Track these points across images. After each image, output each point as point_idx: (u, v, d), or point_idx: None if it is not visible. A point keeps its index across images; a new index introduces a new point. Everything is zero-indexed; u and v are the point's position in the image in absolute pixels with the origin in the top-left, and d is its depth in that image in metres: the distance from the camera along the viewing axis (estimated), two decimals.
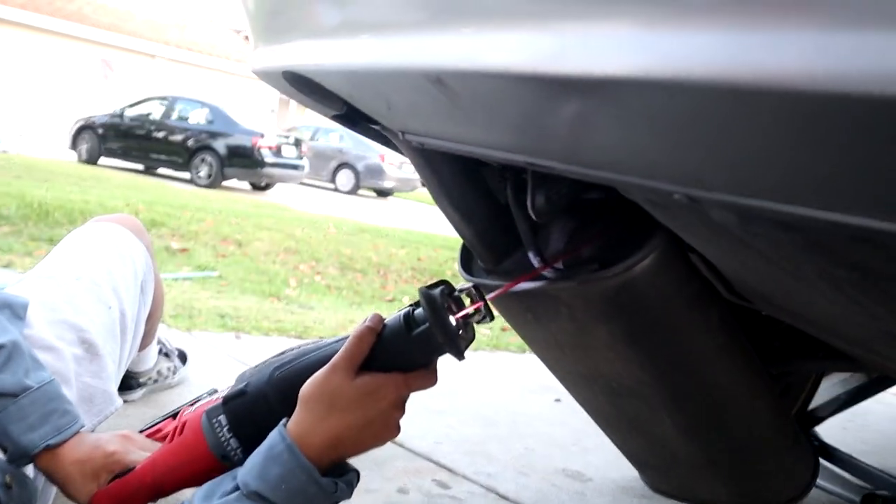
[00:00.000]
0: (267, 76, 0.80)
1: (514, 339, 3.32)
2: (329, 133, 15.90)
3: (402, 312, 0.73)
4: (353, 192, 14.65)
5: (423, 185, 0.82)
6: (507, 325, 3.91)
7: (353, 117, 0.79)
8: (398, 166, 14.93)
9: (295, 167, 11.89)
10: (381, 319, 0.73)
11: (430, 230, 8.21)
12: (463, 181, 0.81)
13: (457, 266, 0.91)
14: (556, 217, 0.75)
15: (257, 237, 5.28)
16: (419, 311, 0.73)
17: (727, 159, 0.39)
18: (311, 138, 15.47)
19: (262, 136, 11.17)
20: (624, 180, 0.50)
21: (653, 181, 0.48)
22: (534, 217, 0.72)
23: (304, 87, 0.74)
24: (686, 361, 0.86)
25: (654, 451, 1.00)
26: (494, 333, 3.38)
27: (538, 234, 0.81)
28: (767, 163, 0.36)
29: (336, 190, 14.67)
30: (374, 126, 0.77)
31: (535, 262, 0.79)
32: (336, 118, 0.85)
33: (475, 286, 0.73)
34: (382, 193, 15.38)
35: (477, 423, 1.99)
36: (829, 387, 1.41)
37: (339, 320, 3.04)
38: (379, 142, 0.94)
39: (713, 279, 0.76)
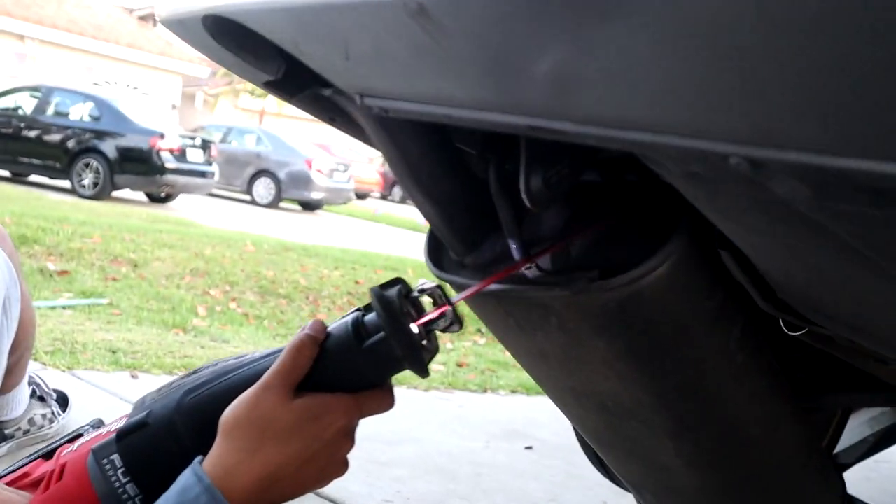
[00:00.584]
0: (181, 26, 0.75)
1: (474, 375, 3.32)
2: (244, 134, 15.81)
3: (350, 318, 0.72)
4: (273, 204, 14.54)
5: (387, 165, 0.79)
6: (464, 359, 3.93)
7: (292, 83, 0.76)
8: (328, 174, 14.90)
9: (202, 174, 11.75)
10: (323, 327, 0.72)
11: (369, 248, 8.21)
12: (434, 158, 0.79)
13: (424, 258, 0.89)
14: (549, 204, 0.73)
15: (157, 257, 5.22)
16: (370, 316, 0.72)
17: (824, 99, 0.36)
18: (223, 140, 15.35)
19: (161, 136, 11.00)
20: (662, 142, 0.47)
21: (704, 140, 0.44)
22: (529, 204, 0.69)
23: (231, 38, 0.70)
24: (698, 385, 0.85)
25: (655, 477, 1.00)
26: (450, 369, 3.37)
27: (524, 223, 0.79)
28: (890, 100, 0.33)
29: (253, 202, 14.56)
30: (321, 92, 0.73)
31: (518, 255, 0.77)
32: (270, 86, 0.80)
33: (439, 286, 0.73)
34: (309, 206, 15.32)
35: (433, 476, 1.95)
36: (855, 427, 1.41)
37: None
38: (322, 118, 0.90)
39: (747, 284, 0.73)
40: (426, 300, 0.74)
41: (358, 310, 0.74)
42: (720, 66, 0.39)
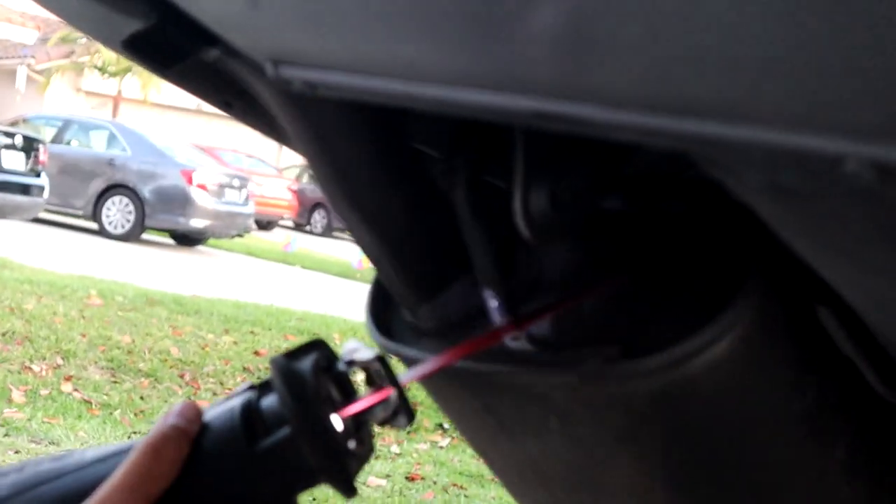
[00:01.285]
0: None
1: (432, 494, 3.31)
2: (90, 130, 15.82)
3: (238, 402, 0.73)
4: (132, 235, 14.52)
5: (311, 172, 0.79)
6: (417, 470, 3.94)
7: (166, 44, 0.75)
8: (216, 192, 14.93)
9: (24, 189, 11.70)
10: (197, 414, 0.72)
11: (276, 301, 8.20)
12: (381, 163, 0.81)
13: (365, 318, 0.91)
14: (558, 236, 0.73)
15: None
16: (270, 400, 0.72)
17: None
18: (58, 139, 15.32)
19: None
20: (740, 137, 0.47)
21: (808, 134, 0.44)
22: (527, 234, 0.69)
23: None
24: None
25: None
26: (396, 485, 3.35)
27: (510, 265, 0.80)
28: None
29: (102, 232, 14.50)
30: (210, 57, 0.73)
31: (498, 316, 0.76)
32: (132, 48, 0.81)
33: (379, 357, 0.74)
34: (187, 240, 15.32)
35: None
36: None
37: None
38: (212, 100, 0.90)
39: (860, 360, 0.74)
40: (359, 377, 0.75)
41: (251, 388, 0.74)
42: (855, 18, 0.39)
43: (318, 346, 0.74)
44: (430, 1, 0.51)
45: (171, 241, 15.24)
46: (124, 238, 14.28)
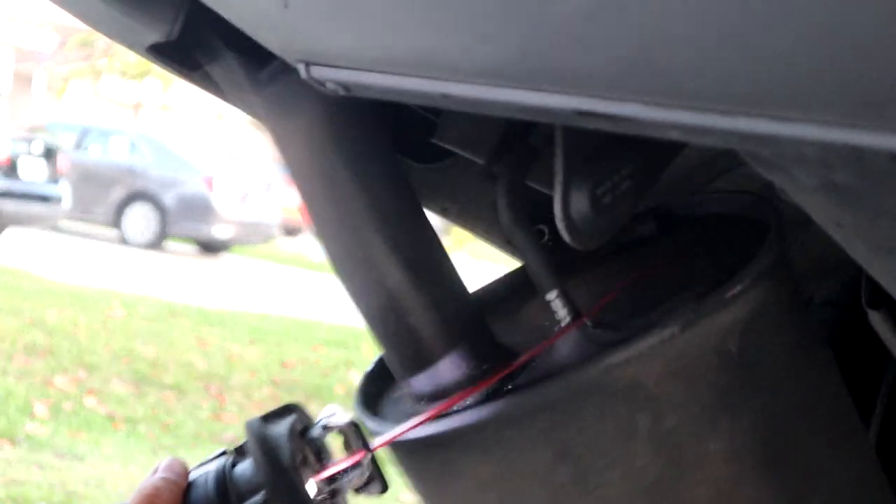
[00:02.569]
0: None
1: None
2: (110, 137, 15.89)
3: (213, 468, 0.77)
4: (155, 244, 14.58)
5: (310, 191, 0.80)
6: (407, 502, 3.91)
7: (193, 48, 0.76)
8: (240, 199, 14.97)
9: (44, 198, 11.78)
10: (184, 468, 0.77)
11: (304, 312, 8.21)
12: (394, 177, 0.82)
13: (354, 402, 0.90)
14: (600, 239, 0.73)
15: None
16: (244, 465, 0.76)
17: None
18: (78, 146, 15.40)
19: None
20: (796, 135, 0.46)
21: (866, 132, 0.44)
22: (569, 238, 0.70)
23: None
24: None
25: None
26: None
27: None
28: None
29: (124, 241, 14.56)
30: (232, 61, 0.73)
31: (563, 313, 0.76)
32: (158, 53, 0.82)
33: (353, 422, 0.77)
34: (211, 248, 15.35)
35: None
36: None
37: (132, 480, 2.97)
38: (235, 104, 0.91)
39: None
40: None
41: (223, 453, 0.78)
42: None
43: (293, 410, 0.77)
44: None
45: (193, 249, 15.28)
46: (146, 247, 14.34)
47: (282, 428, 0.76)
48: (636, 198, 0.74)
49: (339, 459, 0.76)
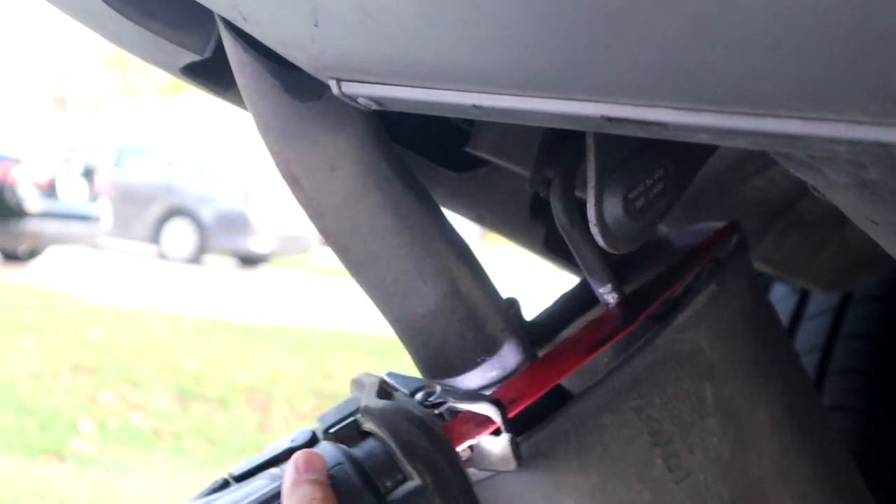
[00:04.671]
0: None
1: None
2: (145, 155, 15.97)
3: (338, 451, 0.71)
4: (194, 259, 14.65)
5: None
6: None
7: (226, 67, 0.76)
8: (277, 212, 15.00)
9: (83, 218, 11.87)
10: (325, 467, 0.70)
11: (346, 324, 8.22)
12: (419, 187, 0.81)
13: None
14: (634, 243, 0.74)
15: (15, 346, 5.25)
16: (370, 449, 0.71)
17: None
18: (115, 164, 15.51)
19: (18, 161, 11.11)
20: (825, 134, 0.47)
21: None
22: (602, 242, 0.71)
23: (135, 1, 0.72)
24: None
25: None
26: None
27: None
28: None
29: (163, 257, 14.65)
30: (269, 80, 0.74)
31: (609, 297, 0.80)
32: (192, 74, 0.83)
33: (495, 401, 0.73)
34: (249, 261, 15.41)
35: None
36: None
37: (180, 494, 2.97)
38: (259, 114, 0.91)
39: None
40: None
41: (316, 440, 0.73)
42: None
43: (385, 386, 0.74)
44: (495, 10, 0.51)
45: (232, 261, 15.34)
46: (186, 262, 14.42)
47: (407, 404, 0.72)
48: (669, 201, 0.74)
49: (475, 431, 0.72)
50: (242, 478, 0.74)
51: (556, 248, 1.10)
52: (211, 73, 0.82)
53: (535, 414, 0.76)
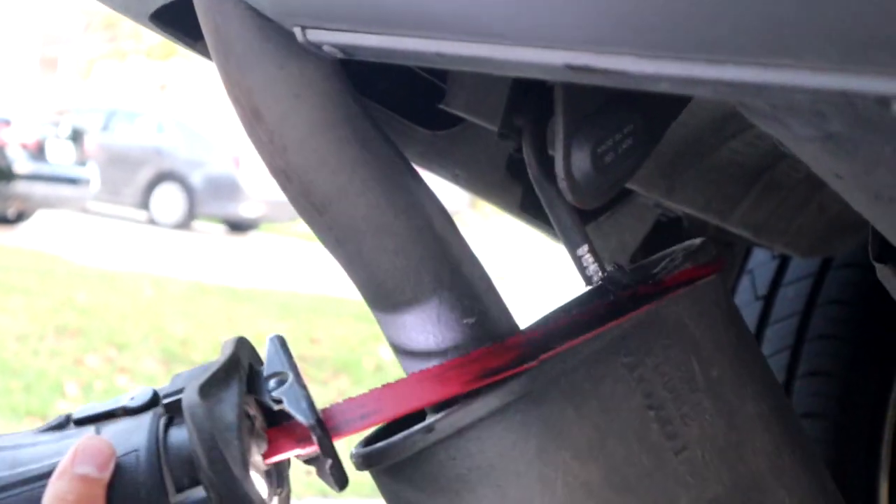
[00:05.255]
0: None
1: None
2: (135, 118, 15.90)
3: (144, 443, 0.68)
4: (183, 224, 14.62)
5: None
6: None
7: (192, 14, 0.75)
8: (267, 177, 14.91)
9: (72, 181, 11.83)
10: (109, 457, 0.67)
11: (334, 289, 8.22)
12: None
13: None
14: (601, 197, 0.75)
15: (3, 308, 5.25)
16: (181, 435, 0.68)
17: None
18: (104, 128, 15.43)
19: (7, 123, 11.07)
20: (785, 83, 0.46)
21: (855, 76, 0.44)
22: (570, 196, 0.71)
23: None
24: None
25: None
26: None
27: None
28: None
29: (152, 222, 14.61)
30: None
31: (593, 268, 0.77)
32: (160, 22, 0.82)
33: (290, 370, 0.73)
34: (238, 226, 15.37)
35: None
36: None
37: None
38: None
39: None
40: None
41: (167, 411, 0.70)
42: None
43: (236, 360, 0.72)
44: None
45: (221, 227, 15.31)
46: (175, 227, 14.38)
47: (227, 407, 0.68)
48: (639, 157, 0.74)
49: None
50: (80, 423, 0.71)
51: (532, 210, 1.09)
52: (181, 21, 0.80)
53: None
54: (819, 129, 0.52)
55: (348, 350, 5.68)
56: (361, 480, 0.80)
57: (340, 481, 0.71)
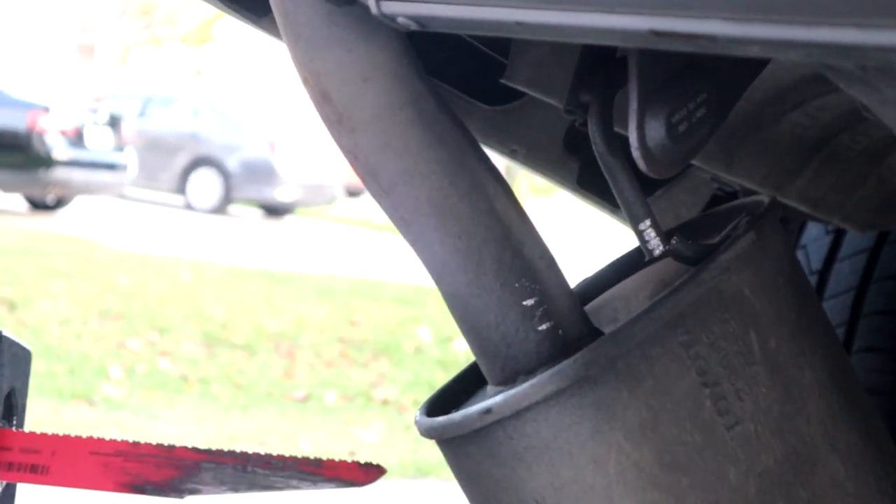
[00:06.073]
0: None
1: None
2: (171, 104, 15.98)
3: None
4: (219, 209, 14.70)
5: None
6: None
7: None
8: (303, 161, 14.99)
9: (110, 167, 11.90)
10: None
11: (371, 273, 8.24)
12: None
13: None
14: (676, 167, 0.74)
15: (46, 293, 5.28)
16: None
17: None
18: (141, 114, 15.51)
19: (46, 110, 11.13)
20: (882, 43, 0.45)
21: None
22: (644, 166, 0.70)
23: None
24: None
25: None
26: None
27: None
28: None
29: (189, 207, 14.69)
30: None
31: (655, 243, 0.77)
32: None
33: None
34: (274, 211, 15.44)
35: None
36: None
37: (208, 439, 2.98)
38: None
39: None
40: None
41: None
42: None
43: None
44: None
45: (258, 212, 15.37)
46: (212, 212, 14.45)
47: None
48: (711, 126, 0.73)
49: None
50: None
51: (589, 184, 1.09)
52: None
53: None
54: None
55: (388, 332, 5.67)
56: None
57: None
